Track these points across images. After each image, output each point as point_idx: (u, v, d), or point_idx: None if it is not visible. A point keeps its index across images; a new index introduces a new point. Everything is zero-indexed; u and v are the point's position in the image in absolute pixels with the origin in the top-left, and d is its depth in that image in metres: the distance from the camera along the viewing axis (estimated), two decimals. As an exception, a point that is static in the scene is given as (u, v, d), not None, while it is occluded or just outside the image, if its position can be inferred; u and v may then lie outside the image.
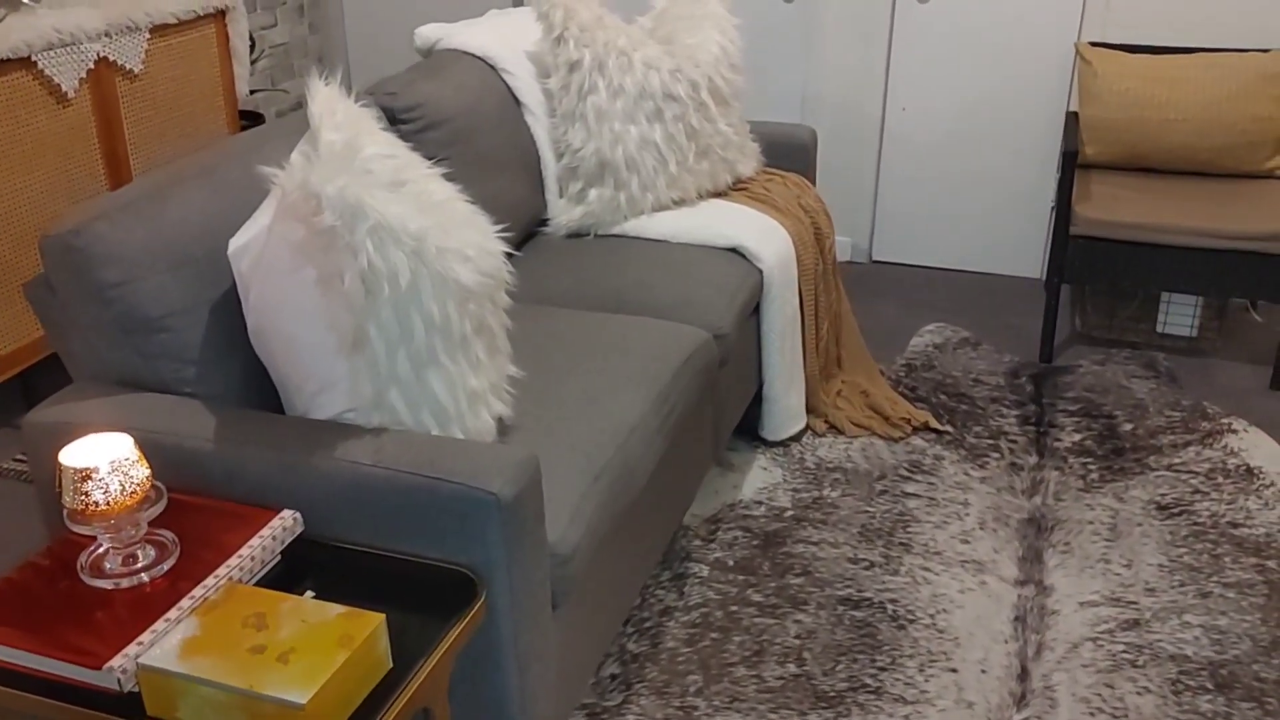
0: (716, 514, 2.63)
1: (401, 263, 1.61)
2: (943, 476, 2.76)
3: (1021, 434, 2.93)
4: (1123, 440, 2.89)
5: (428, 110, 2.50)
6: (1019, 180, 3.78)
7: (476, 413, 1.75)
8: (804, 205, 2.98)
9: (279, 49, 4.42)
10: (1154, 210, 3.10)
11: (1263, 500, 2.64)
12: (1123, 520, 2.58)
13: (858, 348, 3.14)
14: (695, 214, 2.84)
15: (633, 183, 2.79)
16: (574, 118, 2.76)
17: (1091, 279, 3.19)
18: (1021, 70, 3.65)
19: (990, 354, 3.36)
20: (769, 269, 2.73)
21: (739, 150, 2.97)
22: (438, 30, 2.88)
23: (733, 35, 2.92)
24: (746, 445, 2.89)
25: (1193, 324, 3.34)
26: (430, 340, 1.67)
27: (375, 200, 1.60)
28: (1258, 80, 3.22)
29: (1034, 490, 2.70)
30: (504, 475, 1.54)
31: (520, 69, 2.83)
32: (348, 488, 1.60)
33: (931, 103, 3.78)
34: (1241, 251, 3.02)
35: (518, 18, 3.00)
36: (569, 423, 1.94)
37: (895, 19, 3.72)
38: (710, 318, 2.48)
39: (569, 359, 2.17)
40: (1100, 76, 3.33)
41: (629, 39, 2.77)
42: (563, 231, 2.83)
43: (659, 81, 2.75)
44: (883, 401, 3.02)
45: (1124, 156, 3.37)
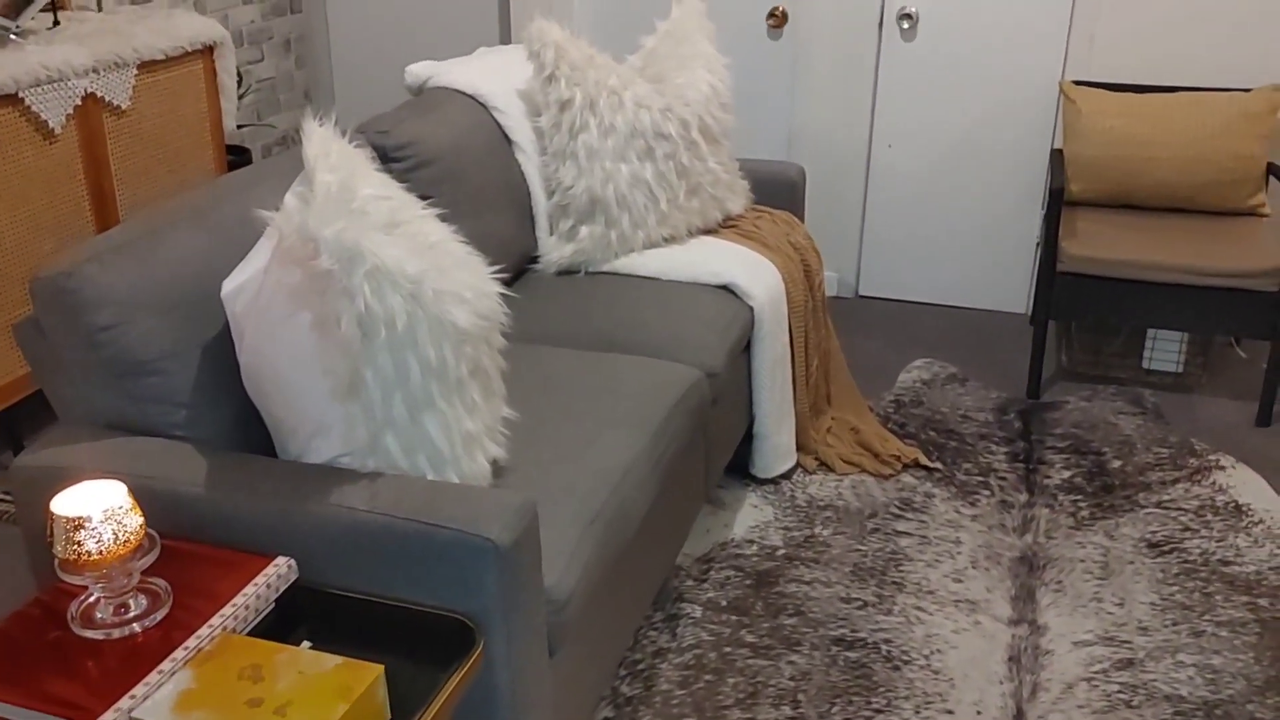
0: (709, 553, 2.61)
1: (399, 306, 1.60)
2: (934, 514, 2.75)
3: (1011, 471, 2.94)
4: (1112, 477, 2.90)
5: (419, 148, 2.50)
6: (1005, 217, 3.81)
7: (472, 456, 1.74)
8: (793, 242, 2.99)
9: (266, 84, 4.42)
10: (1139, 247, 3.13)
11: (1252, 538, 2.65)
12: (1114, 558, 2.58)
13: (847, 384, 3.15)
14: (686, 251, 2.84)
15: (624, 220, 2.79)
16: (565, 155, 2.77)
17: (1078, 315, 3.21)
18: (1007, 108, 3.69)
19: (978, 390, 3.37)
20: (760, 306, 2.73)
21: (729, 188, 2.98)
22: (428, 68, 2.89)
23: (722, 74, 2.94)
24: (738, 483, 2.88)
25: (1178, 360, 3.37)
26: (426, 384, 1.66)
27: (372, 243, 1.59)
28: (1239, 119, 3.26)
29: (1025, 528, 2.70)
30: (501, 521, 1.53)
31: (511, 107, 2.84)
32: (343, 534, 1.58)
33: (917, 140, 3.81)
34: (1225, 288, 3.05)
35: (508, 56, 3.01)
36: (563, 465, 1.93)
37: (881, 57, 3.75)
38: (702, 356, 2.47)
39: (562, 400, 2.17)
40: (1084, 114, 3.36)
41: (619, 78, 2.78)
42: (554, 269, 2.83)
43: (650, 120, 2.76)
44: (873, 438, 3.02)
45: (1109, 193, 3.40)
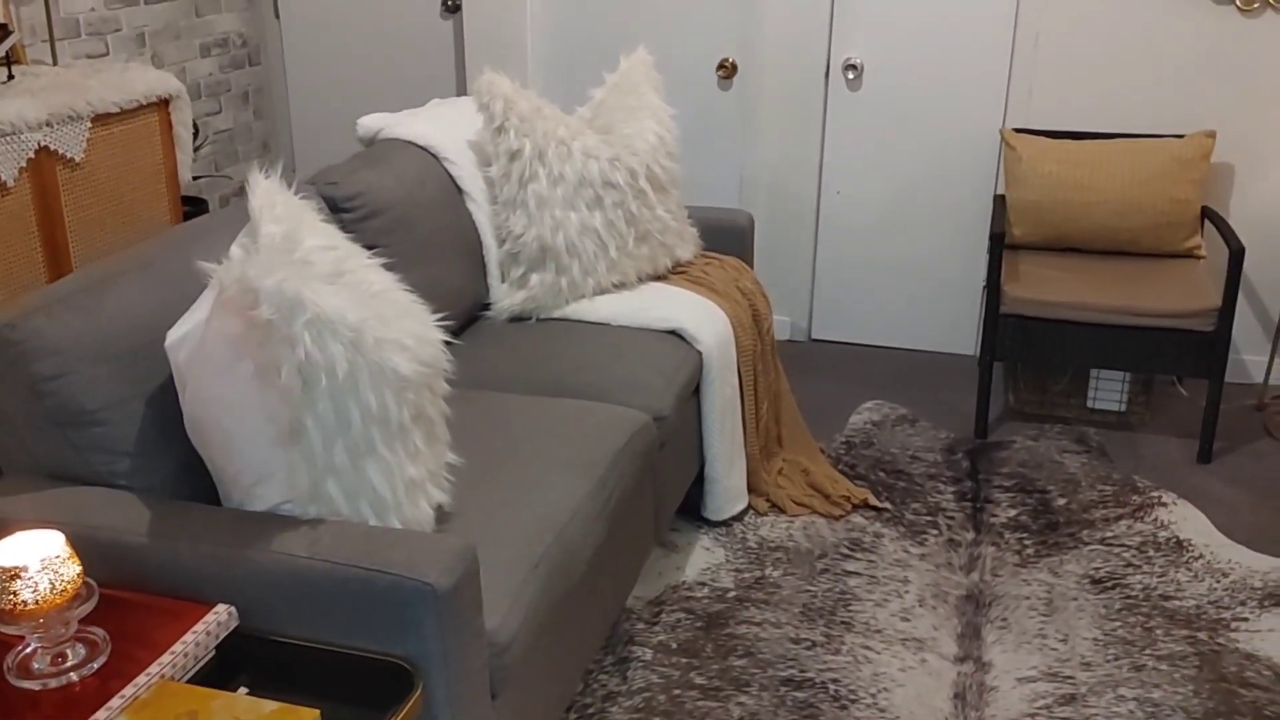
0: (659, 596, 2.63)
1: (339, 354, 1.63)
2: (883, 554, 2.79)
3: (959, 510, 2.98)
4: (1056, 515, 2.95)
5: (369, 199, 2.54)
6: (952, 260, 3.89)
7: (415, 502, 1.76)
8: (742, 287, 3.04)
9: (224, 135, 4.46)
10: (1080, 289, 3.21)
11: (1192, 572, 2.70)
12: (1058, 595, 2.62)
13: (798, 426, 3.19)
14: (635, 297, 2.89)
15: (574, 267, 2.83)
16: (515, 205, 2.81)
17: (1022, 356, 3.28)
18: (950, 155, 3.78)
19: (927, 430, 3.42)
20: (708, 350, 2.78)
21: (678, 235, 3.03)
22: (380, 120, 2.93)
23: (669, 124, 3.00)
24: (689, 526, 2.90)
25: (1121, 399, 3.44)
26: (368, 431, 1.68)
27: (313, 293, 1.62)
28: (1173, 164, 3.36)
29: (971, 566, 2.74)
30: (440, 565, 1.55)
31: (462, 157, 2.89)
32: (283, 580, 1.59)
33: (865, 186, 3.89)
34: (1164, 329, 3.12)
35: (459, 107, 3.06)
36: (508, 510, 1.95)
37: (828, 106, 3.84)
38: (650, 400, 2.51)
39: (509, 444, 2.19)
40: (1024, 161, 3.46)
41: (568, 129, 2.84)
42: (505, 315, 2.86)
43: (598, 169, 2.82)
44: (823, 480, 3.06)
45: (1050, 237, 3.49)
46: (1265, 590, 2.63)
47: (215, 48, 4.34)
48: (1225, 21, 3.43)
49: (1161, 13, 3.46)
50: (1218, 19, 3.43)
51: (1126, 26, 3.50)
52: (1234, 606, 2.57)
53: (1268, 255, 3.60)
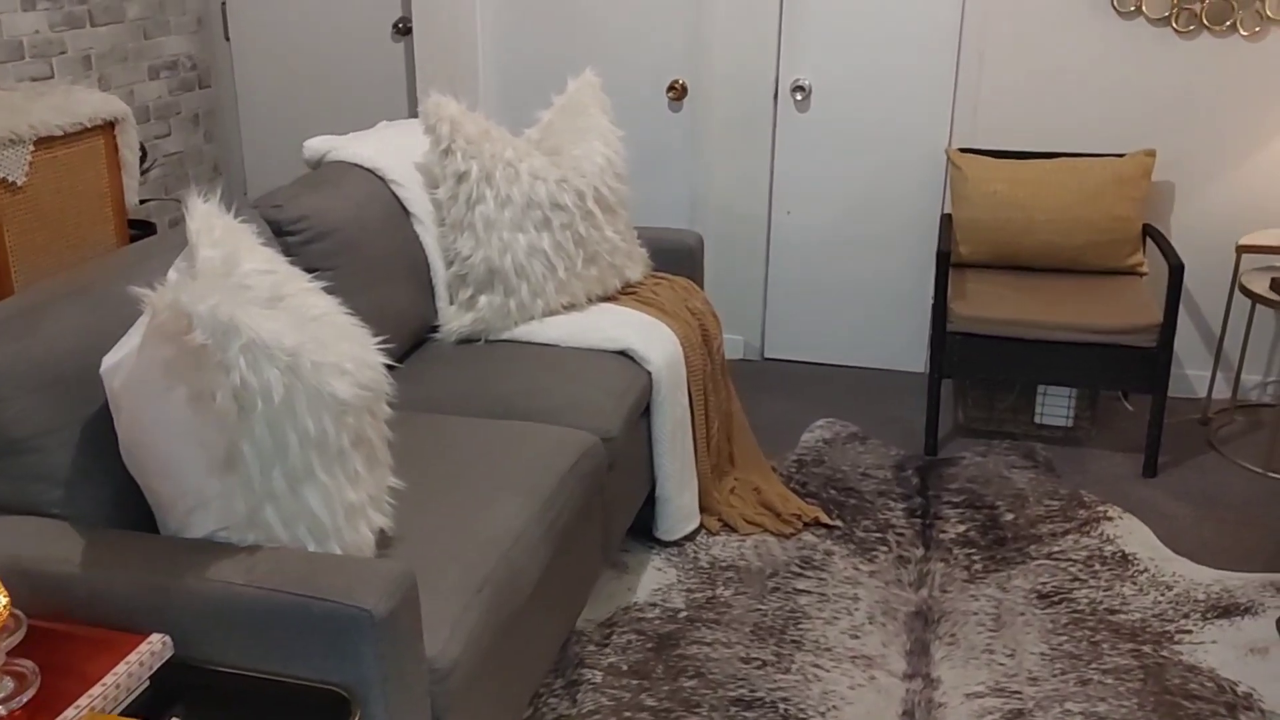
0: (610, 617, 2.62)
1: (275, 379, 1.61)
2: (833, 572, 2.80)
3: (908, 526, 3.00)
4: (1004, 530, 2.98)
5: (314, 221, 2.52)
6: (901, 278, 3.93)
7: (355, 527, 1.75)
8: (691, 308, 3.06)
9: (173, 158, 4.42)
10: (1025, 307, 3.25)
11: (1137, 586, 2.73)
12: (1006, 610, 2.64)
13: (749, 445, 3.20)
14: (585, 318, 2.89)
15: (522, 289, 2.83)
16: (462, 227, 2.81)
17: (970, 373, 3.31)
18: (898, 175, 3.82)
19: (878, 448, 3.44)
20: (657, 370, 2.78)
21: (627, 256, 3.04)
22: (326, 142, 2.92)
23: (617, 146, 3.01)
24: (641, 546, 2.90)
25: (1068, 414, 3.48)
26: (306, 455, 1.67)
27: (248, 317, 1.61)
28: (1114, 183, 3.41)
29: (921, 582, 2.75)
30: (378, 591, 1.54)
31: (409, 180, 2.88)
32: (219, 609, 1.57)
33: (815, 206, 3.92)
34: (1109, 345, 3.17)
35: (407, 129, 3.06)
36: (451, 533, 1.94)
37: (777, 127, 3.87)
38: (599, 421, 2.51)
39: (454, 467, 2.18)
40: (970, 180, 3.50)
41: (515, 150, 2.85)
42: (453, 338, 2.85)
43: (546, 191, 2.82)
44: (774, 498, 3.07)
45: (996, 255, 3.53)
46: (1208, 603, 2.67)
47: (164, 70, 4.31)
48: (1163, 43, 3.50)
49: (1101, 34, 3.53)
50: (1155, 41, 3.50)
51: (1067, 48, 3.56)
52: (1178, 619, 2.61)
53: (1208, 271, 3.66)
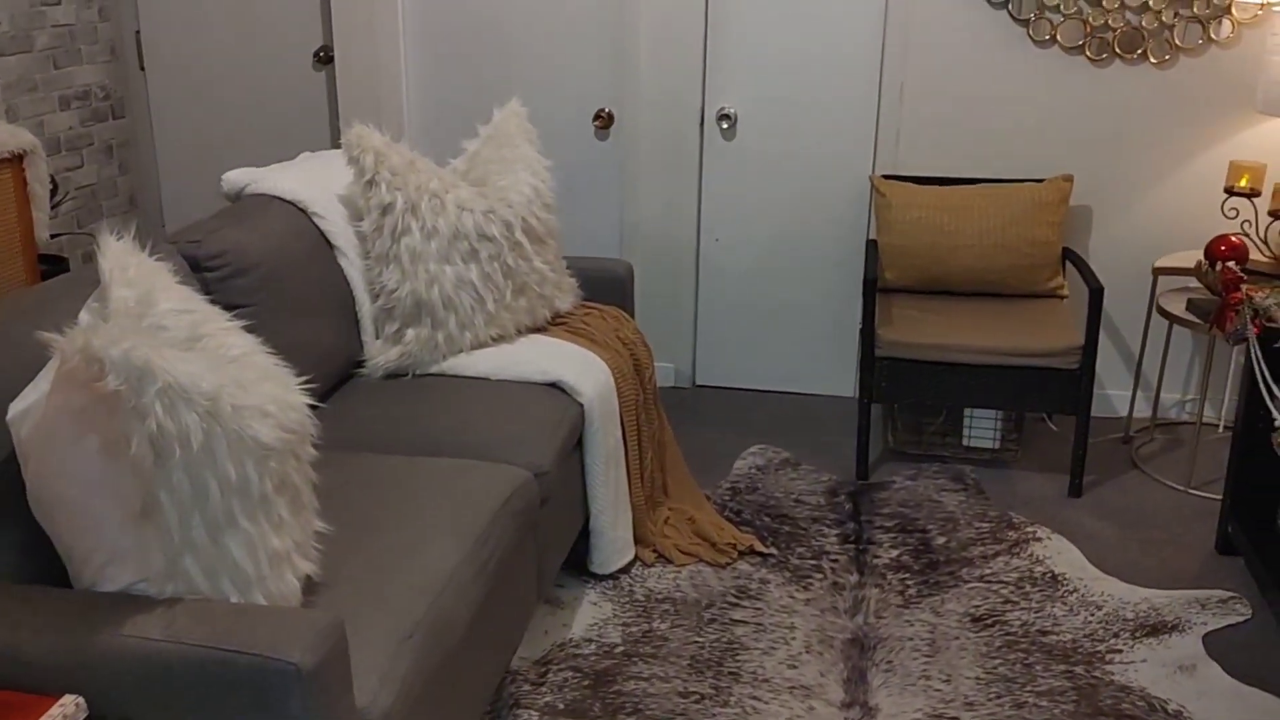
0: (546, 655, 2.58)
1: (194, 424, 1.56)
2: (769, 601, 2.79)
3: (842, 552, 3.00)
4: (936, 554, 3.00)
5: (234, 257, 2.46)
6: (829, 304, 3.95)
7: (280, 575, 1.69)
8: (622, 337, 3.04)
9: (86, 190, 4.29)
10: (950, 331, 3.29)
11: (1068, 606, 2.77)
12: (940, 635, 2.65)
13: (683, 474, 3.18)
14: (514, 350, 2.86)
15: (450, 322, 2.79)
16: (388, 259, 2.76)
17: (898, 397, 3.34)
18: (824, 202, 3.85)
19: (810, 474, 3.45)
20: (589, 402, 2.75)
21: (556, 286, 3.01)
22: (246, 174, 2.86)
23: (544, 176, 2.99)
24: (576, 580, 2.86)
25: (994, 437, 3.53)
26: (227, 503, 1.61)
27: (165, 360, 1.55)
28: (1033, 208, 3.48)
29: (856, 609, 2.76)
30: (304, 643, 1.48)
31: (332, 212, 2.83)
32: (138, 666, 1.51)
33: (743, 233, 3.94)
34: (1032, 367, 3.22)
35: (329, 161, 3.01)
36: (380, 577, 1.89)
37: (704, 155, 3.89)
38: (530, 455, 2.47)
39: (382, 508, 2.13)
40: (894, 206, 3.54)
41: (441, 181, 2.81)
42: (380, 373, 2.80)
43: (473, 222, 2.79)
44: (709, 527, 3.05)
45: (921, 280, 3.57)
46: (1136, 621, 2.71)
47: (76, 100, 4.19)
48: (1077, 71, 3.58)
49: (1018, 63, 3.60)
50: (1070, 69, 3.59)
51: (985, 77, 3.63)
52: (1108, 639, 2.64)
53: (1126, 293, 3.75)
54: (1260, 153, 3.53)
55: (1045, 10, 3.53)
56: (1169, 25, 3.48)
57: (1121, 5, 3.48)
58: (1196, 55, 3.51)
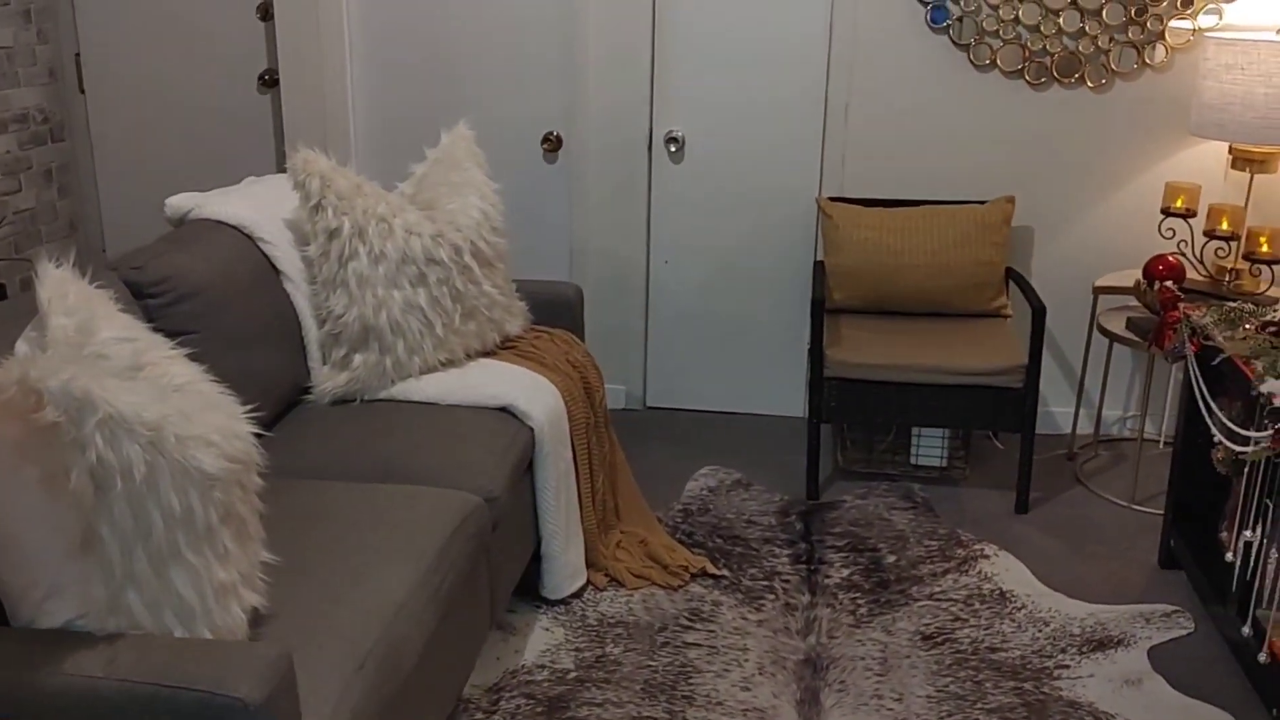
0: (498, 682, 2.56)
1: (136, 455, 1.53)
2: (722, 623, 2.79)
3: (794, 573, 3.01)
4: (887, 572, 3.02)
5: (177, 283, 2.42)
6: (778, 325, 3.98)
7: (226, 607, 1.66)
8: (572, 360, 3.03)
9: (24, 215, 4.21)
10: (897, 351, 3.32)
11: (1016, 623, 2.80)
12: (892, 653, 2.67)
13: (634, 497, 3.18)
14: (464, 375, 2.84)
15: (398, 346, 2.77)
16: (335, 284, 2.74)
17: (846, 417, 3.37)
18: (772, 223, 3.88)
19: (761, 494, 3.46)
20: (539, 426, 2.75)
21: (505, 310, 3.01)
22: (190, 199, 2.82)
23: (493, 199, 2.98)
24: (527, 606, 2.84)
25: (942, 455, 3.56)
26: (171, 535, 1.58)
27: (105, 390, 1.52)
28: (977, 229, 3.53)
29: (808, 630, 2.76)
30: (252, 677, 1.46)
31: (278, 237, 2.80)
32: (78, 705, 1.47)
33: (692, 255, 3.96)
34: (977, 386, 3.26)
35: (275, 185, 2.98)
36: (330, 607, 1.86)
37: (653, 177, 3.90)
38: (481, 481, 2.46)
39: (331, 537, 2.10)
40: (840, 228, 3.58)
41: (389, 205, 2.79)
42: (327, 399, 2.77)
43: (421, 246, 2.77)
44: (661, 550, 3.05)
45: (868, 300, 3.61)
46: (1083, 636, 2.75)
47: (13, 124, 4.12)
48: (1017, 95, 3.65)
49: (959, 87, 3.66)
50: (1010, 93, 3.65)
51: (928, 100, 3.69)
52: (1056, 654, 2.67)
53: (1067, 312, 3.81)
54: (1195, 174, 3.62)
55: (985, 35, 3.60)
56: (1105, 50, 3.56)
57: (1058, 31, 3.56)
58: (1132, 79, 3.60)
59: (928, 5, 3.59)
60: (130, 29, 4.16)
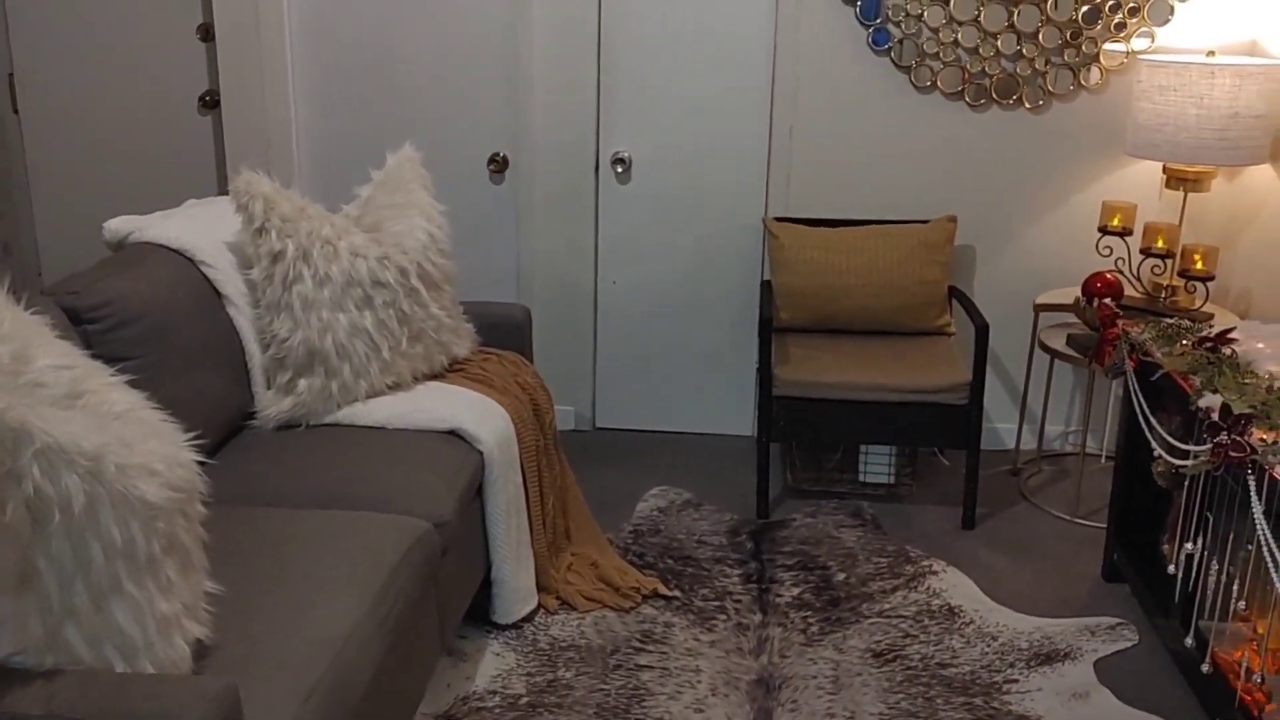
0: (449, 710, 2.53)
1: (75, 486, 1.49)
2: (674, 644, 2.78)
3: (745, 592, 3.02)
4: (837, 590, 3.03)
5: (117, 308, 2.38)
6: (727, 344, 4.00)
7: (169, 640, 1.62)
8: (521, 382, 3.02)
9: (-46, 238, 4.11)
10: (844, 369, 3.35)
11: (965, 638, 2.82)
12: (843, 671, 2.68)
13: (585, 519, 3.17)
14: (412, 398, 2.82)
15: (345, 370, 2.74)
16: (279, 308, 2.70)
17: (795, 436, 3.39)
18: (719, 243, 3.90)
19: (712, 514, 3.47)
20: (489, 449, 2.73)
21: (453, 332, 2.99)
22: (129, 223, 2.77)
23: (439, 221, 2.97)
24: (478, 631, 2.82)
25: (889, 472, 3.59)
26: (112, 567, 1.54)
27: (42, 420, 1.48)
28: (921, 248, 3.58)
29: (760, 649, 2.77)
30: (196, 711, 1.43)
31: (220, 260, 2.76)
32: (14, 744, 1.43)
33: (640, 275, 3.96)
34: (923, 404, 3.29)
35: (217, 208, 2.94)
36: (276, 637, 1.83)
37: (600, 198, 3.91)
38: (430, 506, 2.43)
39: (278, 565, 2.07)
40: (787, 248, 3.61)
41: (334, 228, 2.77)
42: (272, 424, 2.73)
43: (367, 269, 2.75)
44: (612, 572, 3.03)
45: (815, 319, 3.64)
46: (1030, 650, 2.78)
47: (-57, 145, 4.02)
48: (957, 116, 3.71)
49: (901, 108, 3.72)
50: (951, 114, 3.71)
51: (871, 121, 3.73)
52: (1004, 669, 2.70)
53: (1010, 329, 3.87)
54: (1130, 193, 3.70)
55: (926, 58, 3.65)
56: (1042, 72, 3.64)
57: (997, 53, 3.63)
58: (1068, 100, 3.67)
59: (869, 28, 3.64)
60: (66, 48, 4.08)
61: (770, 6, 3.68)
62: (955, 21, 3.60)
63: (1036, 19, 3.58)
